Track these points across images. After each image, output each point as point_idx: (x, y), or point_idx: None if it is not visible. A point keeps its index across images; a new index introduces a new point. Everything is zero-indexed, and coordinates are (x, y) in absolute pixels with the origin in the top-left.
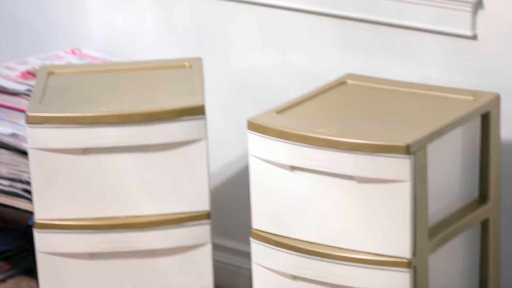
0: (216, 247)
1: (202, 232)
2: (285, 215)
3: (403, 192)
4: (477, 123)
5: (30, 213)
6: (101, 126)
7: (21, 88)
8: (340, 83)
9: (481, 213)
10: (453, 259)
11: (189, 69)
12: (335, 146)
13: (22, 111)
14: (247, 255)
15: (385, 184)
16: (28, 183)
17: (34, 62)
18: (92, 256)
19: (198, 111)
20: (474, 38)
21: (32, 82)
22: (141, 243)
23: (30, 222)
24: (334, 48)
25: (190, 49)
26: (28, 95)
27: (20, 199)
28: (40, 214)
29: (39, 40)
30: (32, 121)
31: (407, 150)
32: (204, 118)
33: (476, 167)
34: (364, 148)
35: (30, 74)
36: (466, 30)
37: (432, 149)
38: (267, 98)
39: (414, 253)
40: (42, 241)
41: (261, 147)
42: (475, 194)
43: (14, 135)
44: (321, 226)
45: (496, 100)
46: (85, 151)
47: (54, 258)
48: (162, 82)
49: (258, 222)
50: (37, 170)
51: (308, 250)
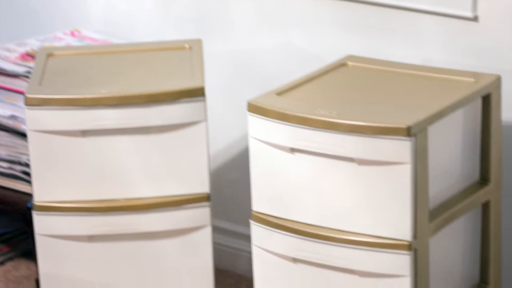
0: (215, 230)
1: (201, 214)
2: (285, 197)
3: (404, 174)
4: (478, 105)
5: (29, 195)
6: (100, 108)
7: (20, 70)
8: (340, 65)
9: (482, 195)
10: (454, 241)
11: (189, 50)
12: (335, 128)
13: (21, 93)
14: (247, 238)
15: (385, 166)
16: (27, 165)
17: (33, 44)
18: (91, 238)
19: (197, 93)
20: (475, 19)
21: (31, 64)
22: (140, 226)
23: (29, 205)
24: (334, 29)
25: (190, 30)
26: (27, 77)
27: (19, 181)
28: (39, 196)
29: (38, 21)
30: (31, 103)
31: (408, 132)
32: (204, 100)
33: (477, 149)
34: (364, 130)
35: (29, 56)
36: (467, 12)
37: (433, 131)
38: (267, 80)
39: (415, 235)
40: (41, 223)
41: (261, 129)
42: (476, 176)
43: (13, 117)
44: (321, 208)
45: (497, 81)
46: (84, 133)
47: (53, 241)
48: (162, 64)
49: (258, 204)
50: (36, 152)
51: (308, 233)
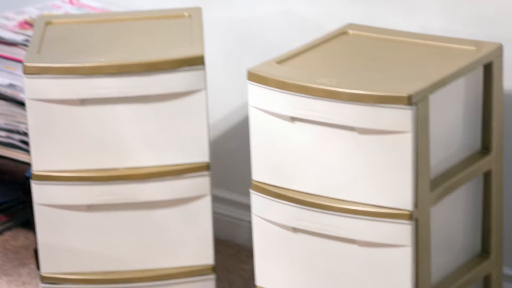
0: (215, 199)
1: (201, 183)
2: (285, 167)
3: (405, 143)
4: (479, 74)
5: (28, 164)
6: (99, 76)
7: (18, 38)
8: (341, 33)
9: (483, 164)
10: (455, 211)
11: (188, 19)
12: (336, 96)
13: (19, 62)
14: (247, 207)
15: (386, 135)
16: (25, 134)
17: (31, 12)
18: (90, 208)
19: (197, 62)
20: None
21: (29, 32)
22: (139, 195)
23: (27, 174)
24: None
25: None
26: (25, 45)
27: (17, 150)
28: (37, 166)
29: None
30: (29, 71)
31: (409, 100)
32: (203, 69)
33: (478, 118)
34: (365, 98)
35: (28, 24)
36: None
37: (434, 99)
38: (267, 48)
39: (416, 204)
40: (39, 193)
41: (261, 98)
42: (478, 145)
43: (11, 86)
44: (321, 178)
45: (498, 50)
46: (83, 102)
47: (51, 210)
48: (161, 32)
49: (258, 174)
50: (34, 121)
51: (308, 202)
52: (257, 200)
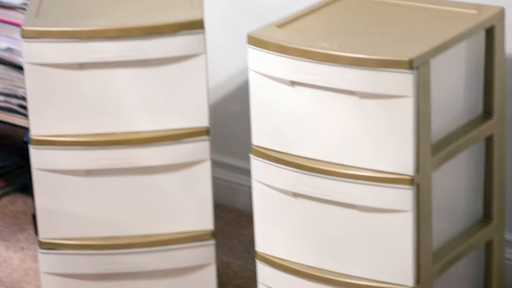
0: (215, 164)
1: (201, 148)
2: (285, 131)
3: (406, 107)
4: (481, 38)
5: (26, 129)
6: (98, 40)
7: (16, 1)
8: None
9: (485, 129)
10: (457, 176)
11: None
12: (337, 60)
13: (17, 25)
14: (247, 172)
15: (387, 99)
16: (23, 99)
17: None
18: (88, 172)
19: (197, 25)
20: None
21: None
22: (138, 160)
23: (25, 138)
24: None
25: None
26: (23, 9)
27: (15, 115)
28: (36, 130)
29: None
30: (28, 35)
31: (410, 64)
32: (203, 32)
33: (480, 83)
34: (366, 62)
35: None
36: None
37: (435, 64)
38: (268, 12)
39: (417, 169)
40: (38, 157)
41: (261, 62)
42: (479, 109)
43: (9, 50)
44: (321, 142)
45: (500, 14)
46: (82, 66)
47: (50, 175)
48: None
49: (258, 138)
50: (33, 85)
51: (308, 167)
52: (257, 165)
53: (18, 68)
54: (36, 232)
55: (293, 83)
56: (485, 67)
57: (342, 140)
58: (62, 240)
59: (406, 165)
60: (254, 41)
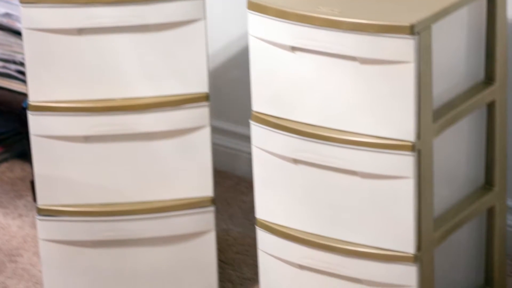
0: (215, 130)
1: (200, 114)
2: (285, 97)
3: (407, 73)
4: (483, 3)
5: (24, 95)
6: (97, 5)
7: None
8: None
9: (487, 94)
10: (458, 142)
11: None
12: (337, 26)
13: None
14: (247, 138)
15: (388, 65)
16: (22, 64)
17: None
18: (87, 139)
19: None
20: None
21: None
22: (138, 126)
23: (24, 104)
24: None
25: None
26: None
27: (13, 81)
28: (34, 96)
29: None
30: (26, 0)
31: (411, 30)
32: None
33: (482, 48)
34: (367, 28)
35: None
36: None
37: (436, 29)
38: None
39: (419, 135)
40: (36, 123)
41: (261, 27)
42: (481, 75)
43: (7, 15)
44: (322, 108)
45: None
46: (80, 32)
47: (48, 141)
48: None
49: (258, 104)
50: (31, 51)
51: (309, 133)
52: (257, 131)
53: (17, 33)
54: (34, 198)
55: (293, 49)
56: (487, 33)
57: (342, 106)
58: (60, 206)
59: (407, 131)
60: (254, 6)
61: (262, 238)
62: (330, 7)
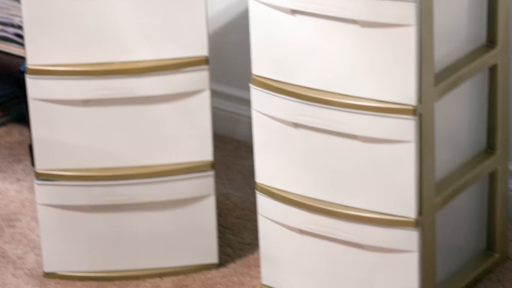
0: (214, 94)
1: (200, 77)
2: (286, 61)
3: (408, 36)
4: None
5: (22, 58)
6: None
7: None
8: None
9: (489, 58)
10: (460, 106)
11: None
12: None
13: None
14: (247, 102)
15: (389, 28)
16: (20, 28)
17: None
18: (86, 102)
19: None
20: None
21: None
22: (137, 89)
23: (22, 68)
24: None
25: None
26: None
27: (11, 44)
28: (32, 60)
29: None
30: None
31: None
32: None
33: (484, 11)
34: None
35: None
36: None
37: None
38: None
39: (420, 99)
40: (34, 87)
41: None
42: (483, 38)
43: None
44: (323, 72)
45: None
46: None
47: (46, 105)
48: None
49: (258, 68)
50: (29, 13)
51: (309, 97)
52: (257, 94)
53: None
54: (32, 163)
55: (293, 12)
56: None
57: (343, 69)
58: (59, 171)
59: (408, 95)
60: None
61: (262, 202)
62: None
